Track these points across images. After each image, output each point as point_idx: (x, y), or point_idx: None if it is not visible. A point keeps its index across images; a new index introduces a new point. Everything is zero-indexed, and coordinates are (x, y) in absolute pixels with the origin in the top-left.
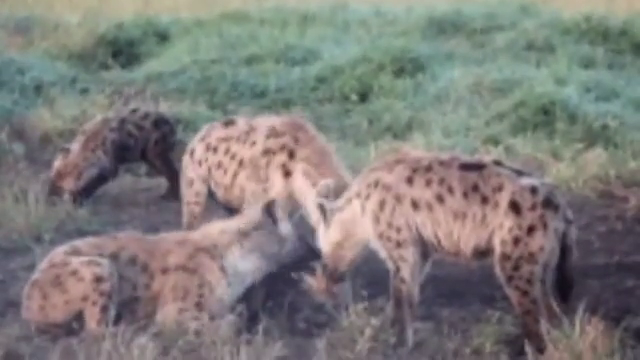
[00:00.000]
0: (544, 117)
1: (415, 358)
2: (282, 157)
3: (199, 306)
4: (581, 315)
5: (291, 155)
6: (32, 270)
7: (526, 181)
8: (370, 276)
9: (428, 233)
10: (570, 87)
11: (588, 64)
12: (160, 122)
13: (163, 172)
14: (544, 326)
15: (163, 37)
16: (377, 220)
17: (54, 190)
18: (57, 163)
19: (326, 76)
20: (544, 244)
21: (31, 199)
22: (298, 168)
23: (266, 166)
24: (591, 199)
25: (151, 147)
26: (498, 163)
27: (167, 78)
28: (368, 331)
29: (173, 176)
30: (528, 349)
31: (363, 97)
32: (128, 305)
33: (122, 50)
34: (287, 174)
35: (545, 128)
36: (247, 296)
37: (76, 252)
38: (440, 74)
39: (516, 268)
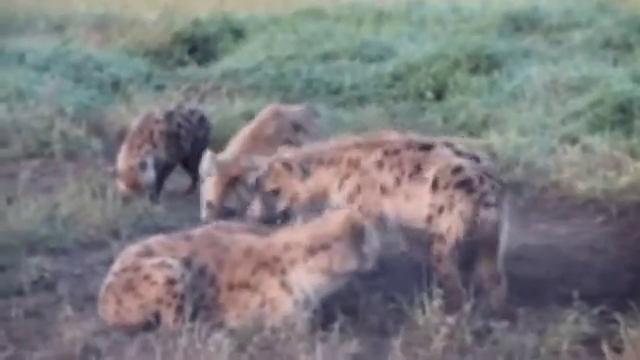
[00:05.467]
0: (621, 115)
1: (491, 357)
2: None
3: (260, 321)
4: None
5: None
6: (109, 265)
7: (457, 161)
8: None
9: (390, 215)
10: None
11: None
12: (204, 120)
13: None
14: (622, 327)
15: (239, 34)
16: (352, 200)
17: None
18: (121, 187)
19: (401, 73)
20: (450, 224)
21: (109, 195)
22: None
23: None
24: None
25: (197, 144)
26: (448, 144)
27: (242, 74)
28: (443, 329)
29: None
30: (606, 349)
31: (438, 94)
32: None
33: (198, 47)
34: None
35: (623, 126)
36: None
37: (149, 252)
38: (516, 71)
39: (429, 245)
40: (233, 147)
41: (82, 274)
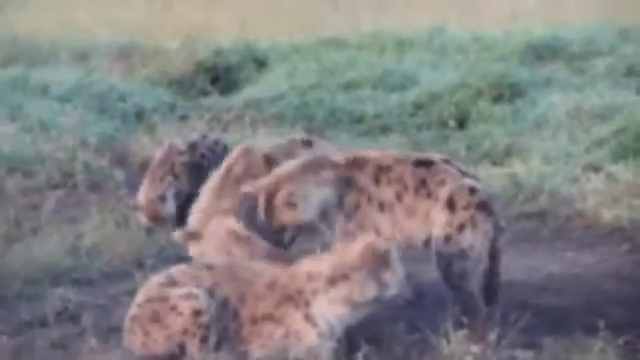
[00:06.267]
0: None
1: None
2: None
3: (284, 352)
4: None
5: None
6: (133, 295)
7: (468, 181)
8: None
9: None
10: None
11: None
12: (227, 150)
13: None
14: None
15: (261, 63)
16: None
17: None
18: (143, 220)
19: (424, 102)
20: (473, 242)
21: (132, 225)
22: None
23: None
24: None
25: None
26: (446, 161)
27: (265, 104)
28: (468, 359)
29: None
30: None
31: (461, 123)
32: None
33: (221, 76)
34: None
35: None
36: None
37: (172, 283)
38: (539, 100)
39: (449, 265)
40: (204, 196)
41: (106, 305)
